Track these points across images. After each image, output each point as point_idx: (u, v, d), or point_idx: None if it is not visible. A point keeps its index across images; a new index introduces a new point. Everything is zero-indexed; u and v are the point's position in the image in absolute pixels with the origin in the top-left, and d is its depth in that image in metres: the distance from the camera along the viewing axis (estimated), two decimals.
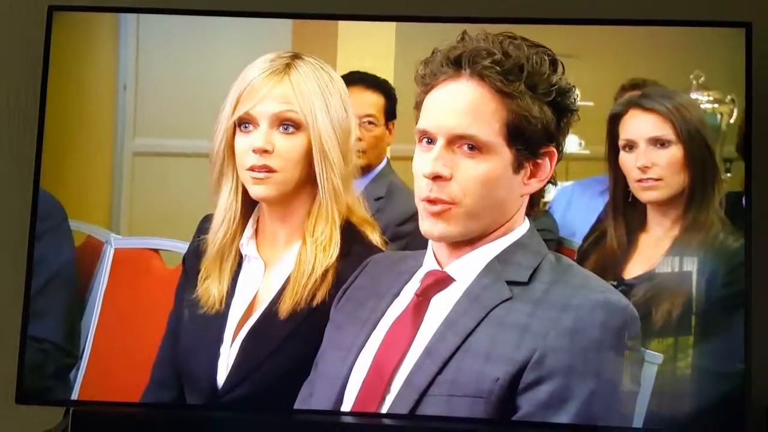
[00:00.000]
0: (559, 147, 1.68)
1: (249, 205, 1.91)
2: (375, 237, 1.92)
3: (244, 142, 1.87)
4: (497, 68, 1.62)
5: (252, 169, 1.86)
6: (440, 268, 1.70)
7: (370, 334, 1.71)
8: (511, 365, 1.58)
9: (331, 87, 1.90)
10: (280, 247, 1.92)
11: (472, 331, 1.63)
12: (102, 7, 2.11)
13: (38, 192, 2.03)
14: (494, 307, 1.63)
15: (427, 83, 1.68)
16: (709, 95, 1.97)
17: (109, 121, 2.08)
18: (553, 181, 1.70)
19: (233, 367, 1.88)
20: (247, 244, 1.91)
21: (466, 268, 1.68)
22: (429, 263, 1.72)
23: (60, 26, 2.06)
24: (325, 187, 1.87)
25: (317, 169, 1.87)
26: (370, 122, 2.04)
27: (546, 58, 1.65)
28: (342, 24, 2.07)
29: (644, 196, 1.94)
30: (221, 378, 1.89)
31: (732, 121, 1.97)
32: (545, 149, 1.66)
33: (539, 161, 1.66)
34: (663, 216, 1.94)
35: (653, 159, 1.92)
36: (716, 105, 1.97)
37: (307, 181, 1.88)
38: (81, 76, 2.07)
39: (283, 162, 1.86)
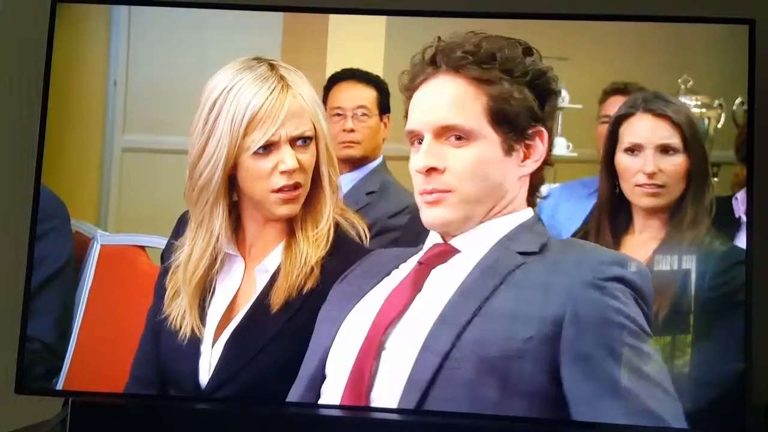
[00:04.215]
0: (549, 127, 1.73)
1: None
2: (361, 233, 1.92)
3: (264, 165, 1.85)
4: (470, 58, 1.70)
5: (282, 190, 1.86)
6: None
7: (354, 305, 1.77)
8: (542, 323, 1.63)
9: (314, 90, 1.92)
10: (262, 247, 1.92)
11: (490, 295, 1.67)
12: None
13: (39, 188, 2.04)
14: (510, 272, 1.68)
15: (409, 88, 1.76)
16: (697, 100, 1.93)
17: (99, 117, 2.08)
18: (549, 161, 1.75)
19: (218, 367, 1.89)
20: (227, 244, 1.91)
21: (471, 241, 1.73)
22: (432, 241, 1.78)
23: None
24: (328, 188, 1.89)
25: (323, 173, 1.89)
26: (363, 114, 2.03)
27: (518, 45, 1.73)
28: (333, 18, 2.05)
29: (643, 201, 1.91)
30: (204, 378, 1.90)
31: (719, 125, 1.93)
32: (533, 129, 1.72)
33: (530, 142, 1.72)
34: (651, 219, 1.91)
35: (661, 165, 1.89)
36: (704, 110, 1.93)
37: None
38: (72, 72, 2.07)
39: (305, 176, 1.88)
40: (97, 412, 2.00)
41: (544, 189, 1.78)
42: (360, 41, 2.06)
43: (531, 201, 1.76)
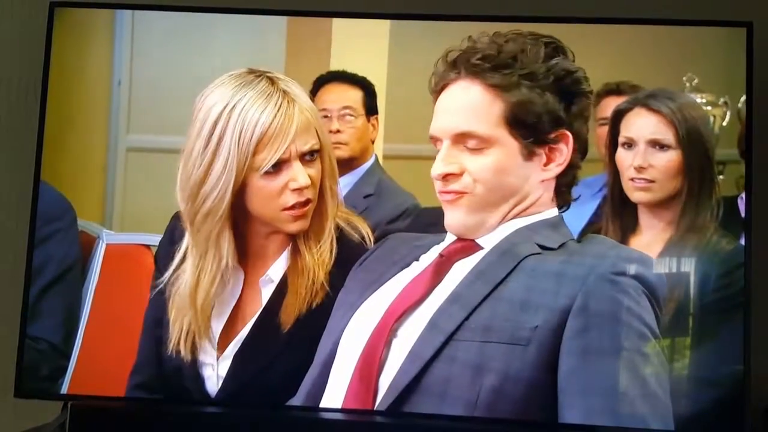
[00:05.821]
0: (575, 130, 1.73)
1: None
2: (365, 236, 1.91)
3: (275, 183, 1.82)
4: (487, 64, 1.70)
5: (293, 207, 1.83)
6: None
7: (372, 293, 1.77)
8: (551, 313, 1.63)
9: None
10: (264, 257, 1.90)
11: (503, 279, 1.68)
12: (101, 3, 2.10)
13: (38, 188, 2.03)
14: (525, 257, 1.69)
15: (434, 91, 1.77)
16: (702, 98, 1.95)
17: (103, 116, 2.08)
18: (574, 164, 1.75)
19: (227, 380, 1.88)
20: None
21: (494, 238, 1.74)
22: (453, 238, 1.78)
23: (56, 22, 2.06)
24: (330, 200, 1.87)
25: (326, 185, 1.87)
26: (349, 114, 2.03)
27: (543, 46, 1.72)
28: (336, 22, 2.06)
29: (635, 195, 1.92)
30: (212, 390, 1.89)
31: (725, 123, 1.96)
32: (556, 133, 1.72)
33: (554, 146, 1.72)
34: (655, 218, 1.92)
35: (650, 160, 1.90)
36: (709, 107, 1.95)
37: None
38: (76, 72, 2.07)
39: (314, 189, 1.85)
40: (96, 415, 1.99)
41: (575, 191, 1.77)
42: (364, 44, 2.07)
43: (560, 201, 1.76)
